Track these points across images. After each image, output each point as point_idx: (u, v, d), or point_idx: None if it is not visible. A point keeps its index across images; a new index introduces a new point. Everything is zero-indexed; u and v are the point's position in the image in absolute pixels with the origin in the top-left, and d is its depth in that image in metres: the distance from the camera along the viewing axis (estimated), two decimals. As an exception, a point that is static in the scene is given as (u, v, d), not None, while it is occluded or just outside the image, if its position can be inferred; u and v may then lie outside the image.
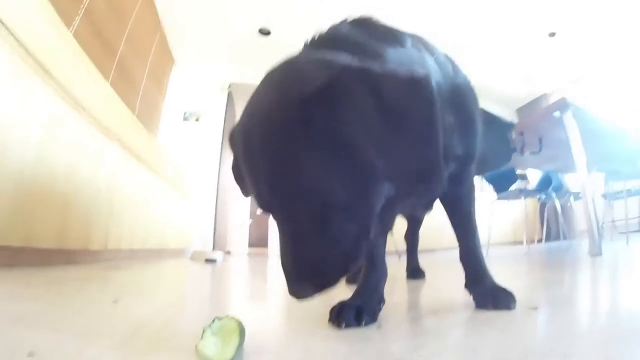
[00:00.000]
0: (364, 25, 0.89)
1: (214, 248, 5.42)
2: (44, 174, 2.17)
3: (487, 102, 6.58)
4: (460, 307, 1.12)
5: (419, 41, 1.00)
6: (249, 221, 11.98)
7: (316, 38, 0.86)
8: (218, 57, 6.24)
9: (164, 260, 3.86)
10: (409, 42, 0.91)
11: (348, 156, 0.62)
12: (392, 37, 0.88)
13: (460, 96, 1.03)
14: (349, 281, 2.20)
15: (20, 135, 1.96)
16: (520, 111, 8.14)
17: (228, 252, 6.62)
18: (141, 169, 3.73)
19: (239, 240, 9.98)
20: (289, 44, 4.82)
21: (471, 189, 1.23)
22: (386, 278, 1.17)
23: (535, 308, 1.04)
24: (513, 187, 4.71)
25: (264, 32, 5.62)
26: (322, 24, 0.86)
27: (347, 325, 0.90)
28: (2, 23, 1.73)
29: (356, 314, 0.93)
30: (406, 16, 4.83)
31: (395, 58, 0.82)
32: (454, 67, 1.13)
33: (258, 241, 12.03)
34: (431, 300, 1.47)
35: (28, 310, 0.98)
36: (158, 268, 3.02)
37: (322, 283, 0.69)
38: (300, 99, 0.61)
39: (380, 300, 1.08)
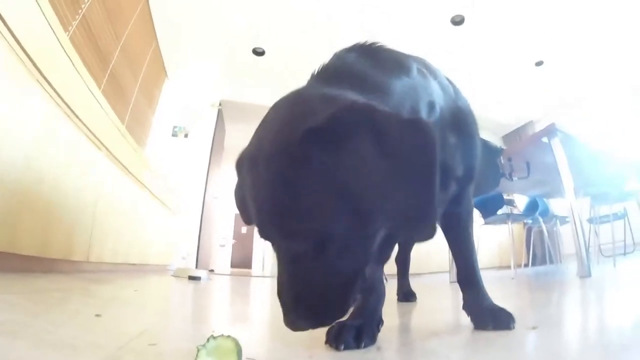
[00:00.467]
0: (370, 53, 0.88)
1: (197, 266, 5.33)
2: (32, 179, 2.12)
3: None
4: (459, 329, 1.11)
5: (423, 65, 0.99)
6: (232, 241, 11.90)
7: (322, 69, 0.85)
8: (211, 74, 6.23)
9: (147, 276, 3.76)
10: (414, 69, 0.89)
11: (345, 195, 0.62)
12: (398, 65, 0.87)
13: (461, 118, 1.05)
14: None
15: (11, 137, 1.92)
16: (507, 138, 8.27)
17: (211, 271, 6.51)
18: (128, 182, 3.68)
19: (222, 260, 9.88)
20: (282, 65, 4.88)
21: (470, 209, 1.23)
22: (384, 299, 1.14)
23: (534, 327, 1.03)
24: (500, 212, 4.74)
25: (258, 53, 5.64)
26: (315, 48, 0.87)
27: (346, 347, 0.87)
28: (2, 20, 1.70)
29: (355, 335, 0.91)
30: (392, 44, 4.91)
31: (401, 90, 0.81)
32: (455, 89, 1.15)
33: (241, 262, 11.93)
34: (428, 323, 1.44)
35: (7, 319, 0.93)
36: (141, 283, 2.94)
37: (319, 319, 0.70)
38: (302, 134, 0.61)
39: (379, 322, 1.05)
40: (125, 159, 3.52)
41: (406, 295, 2.10)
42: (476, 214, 4.76)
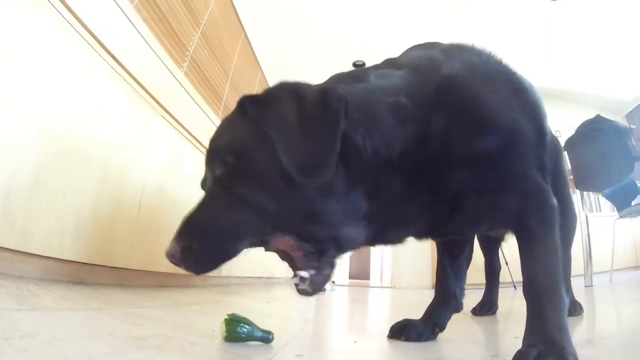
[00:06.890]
0: (345, 76, 1.00)
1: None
2: (166, 203, 2.34)
3: (587, 109, 5.96)
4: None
5: (389, 64, 1.04)
6: (350, 253, 12.01)
7: None
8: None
9: (274, 288, 3.98)
10: (370, 77, 0.95)
11: (265, 137, 0.79)
12: (356, 77, 0.96)
13: (455, 87, 0.92)
14: (475, 313, 2.06)
15: (144, 167, 2.14)
16: (631, 116, 7.10)
17: (333, 282, 6.66)
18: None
19: (341, 271, 10.03)
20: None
21: (530, 193, 0.94)
22: (452, 311, 1.28)
23: None
24: (634, 203, 4.22)
25: (358, 66, 5.71)
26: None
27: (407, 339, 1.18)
28: (125, 69, 1.92)
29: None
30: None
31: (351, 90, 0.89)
32: (449, 58, 0.99)
33: (359, 273, 11.99)
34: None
35: (150, 333, 0.95)
36: (271, 295, 3.11)
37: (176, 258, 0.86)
38: (240, 99, 0.87)
39: (435, 326, 1.23)
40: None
41: (481, 306, 1.94)
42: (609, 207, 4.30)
